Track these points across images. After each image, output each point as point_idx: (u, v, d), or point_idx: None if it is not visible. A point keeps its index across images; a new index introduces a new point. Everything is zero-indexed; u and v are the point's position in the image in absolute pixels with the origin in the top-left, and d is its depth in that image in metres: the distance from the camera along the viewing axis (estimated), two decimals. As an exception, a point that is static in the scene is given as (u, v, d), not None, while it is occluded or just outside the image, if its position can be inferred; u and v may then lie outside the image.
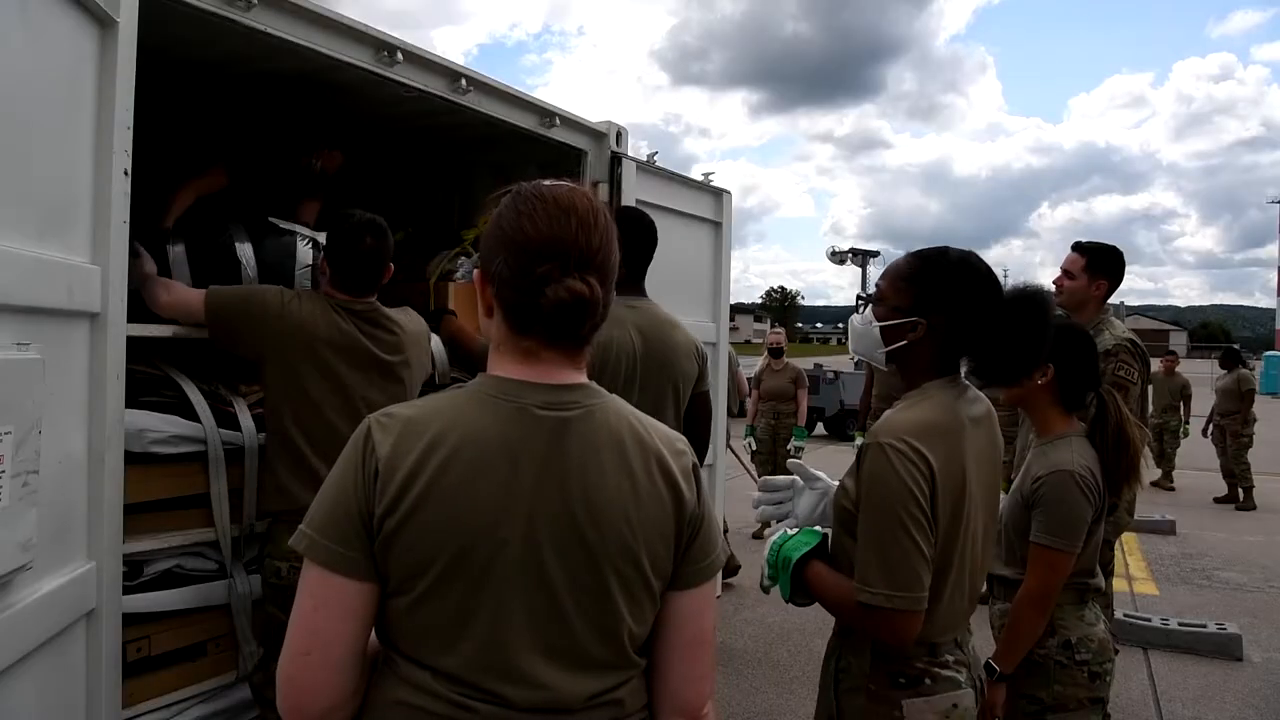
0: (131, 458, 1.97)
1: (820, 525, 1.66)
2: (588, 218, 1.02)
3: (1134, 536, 6.76)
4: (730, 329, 4.78)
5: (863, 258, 25.05)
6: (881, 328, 1.57)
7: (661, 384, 2.44)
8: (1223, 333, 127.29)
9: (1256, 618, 4.92)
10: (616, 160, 3.65)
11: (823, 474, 1.72)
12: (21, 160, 1.46)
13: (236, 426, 2.43)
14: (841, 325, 2.62)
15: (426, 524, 0.97)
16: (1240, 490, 8.80)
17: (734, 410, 6.35)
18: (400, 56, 2.64)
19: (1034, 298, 1.63)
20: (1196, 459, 10.24)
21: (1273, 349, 37.67)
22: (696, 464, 1.13)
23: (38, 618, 1.53)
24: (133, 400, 1.98)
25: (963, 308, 1.52)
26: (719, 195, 4.40)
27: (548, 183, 1.06)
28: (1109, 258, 3.09)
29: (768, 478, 1.79)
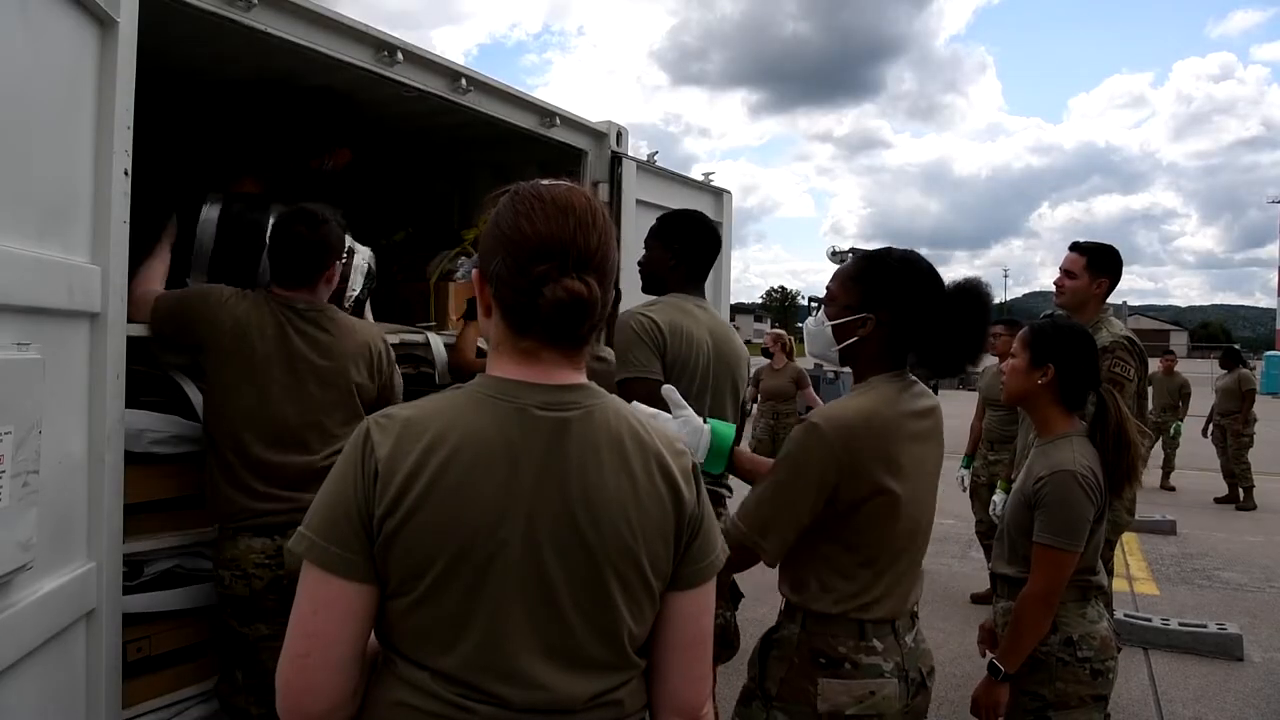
0: (131, 458, 1.96)
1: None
2: (586, 217, 1.02)
3: (1134, 536, 6.75)
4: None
5: (863, 258, 25.04)
6: (833, 326, 1.67)
7: (723, 388, 2.42)
8: (1223, 333, 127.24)
9: (1256, 618, 4.92)
10: (617, 160, 3.66)
11: (689, 409, 1.76)
12: (21, 160, 1.46)
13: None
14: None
15: (426, 525, 0.96)
16: (1240, 490, 8.79)
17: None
18: (400, 56, 2.64)
19: (973, 291, 1.66)
20: (1196, 459, 10.23)
21: (1273, 349, 37.67)
22: (697, 464, 1.13)
23: (38, 618, 1.53)
24: (133, 400, 1.98)
25: (906, 302, 1.61)
26: (719, 195, 4.41)
27: (546, 182, 1.06)
28: (1108, 257, 3.17)
29: (671, 388, 1.78)
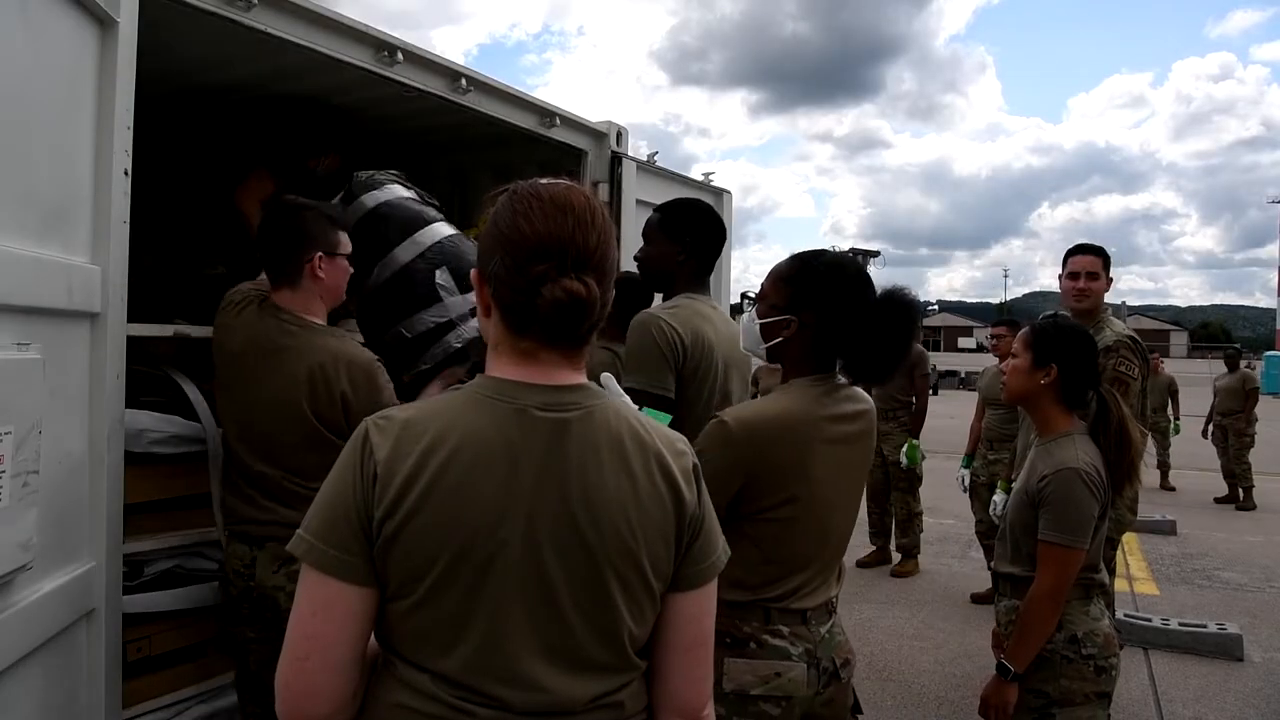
0: (131, 458, 1.96)
1: None
2: (585, 216, 1.01)
3: (1135, 536, 6.74)
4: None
5: (863, 257, 25.14)
6: (761, 324, 1.69)
7: (731, 390, 2.36)
8: (1223, 333, 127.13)
9: (1256, 618, 4.91)
10: (617, 160, 3.66)
11: (626, 397, 1.73)
12: (21, 160, 1.46)
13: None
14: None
15: (426, 526, 0.96)
16: (1240, 490, 8.79)
17: None
18: (400, 56, 2.64)
19: (899, 300, 1.65)
20: (1197, 459, 10.22)
21: (1273, 349, 37.68)
22: (698, 464, 1.12)
23: (38, 617, 1.53)
24: (133, 400, 1.98)
25: (832, 307, 1.62)
26: (719, 195, 4.40)
27: (545, 181, 1.06)
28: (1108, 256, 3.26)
29: (609, 377, 1.77)
